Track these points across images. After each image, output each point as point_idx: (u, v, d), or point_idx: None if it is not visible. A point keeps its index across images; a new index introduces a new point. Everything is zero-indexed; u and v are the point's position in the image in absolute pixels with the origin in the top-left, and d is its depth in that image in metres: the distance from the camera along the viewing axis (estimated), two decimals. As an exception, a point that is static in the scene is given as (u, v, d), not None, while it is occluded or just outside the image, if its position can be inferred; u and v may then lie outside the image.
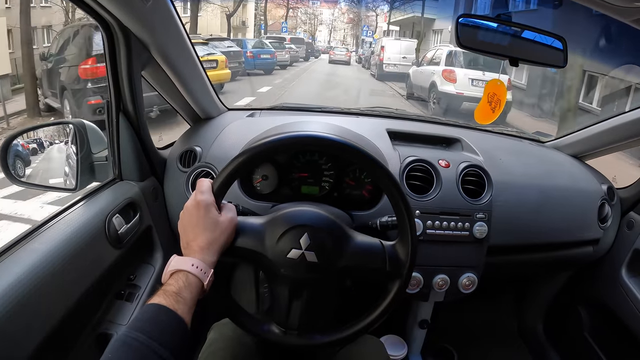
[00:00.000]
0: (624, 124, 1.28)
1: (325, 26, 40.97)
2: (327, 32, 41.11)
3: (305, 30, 35.14)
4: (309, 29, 36.81)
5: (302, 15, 35.49)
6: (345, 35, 41.56)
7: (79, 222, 0.87)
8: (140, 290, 1.02)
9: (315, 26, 38.21)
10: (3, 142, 0.96)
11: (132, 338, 0.56)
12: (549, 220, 1.25)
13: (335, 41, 39.97)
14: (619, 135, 1.33)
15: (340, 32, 41.79)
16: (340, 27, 40.94)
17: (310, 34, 35.39)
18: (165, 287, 0.65)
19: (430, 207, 1.13)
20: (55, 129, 1.19)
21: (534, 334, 1.74)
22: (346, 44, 37.99)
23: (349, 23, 38.45)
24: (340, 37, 42.12)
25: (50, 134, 1.14)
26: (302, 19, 35.39)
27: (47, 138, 1.13)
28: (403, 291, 0.80)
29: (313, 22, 37.83)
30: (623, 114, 1.28)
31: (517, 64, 0.94)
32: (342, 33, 41.91)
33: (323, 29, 41.17)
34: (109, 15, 0.87)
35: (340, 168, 1.18)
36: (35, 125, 1.11)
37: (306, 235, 0.76)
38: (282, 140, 0.77)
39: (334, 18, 40.03)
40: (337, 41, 40.13)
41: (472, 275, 1.15)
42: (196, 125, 1.34)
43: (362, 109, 1.63)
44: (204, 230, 0.72)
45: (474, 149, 1.30)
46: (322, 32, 40.95)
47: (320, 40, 39.10)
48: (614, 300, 1.36)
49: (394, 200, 0.78)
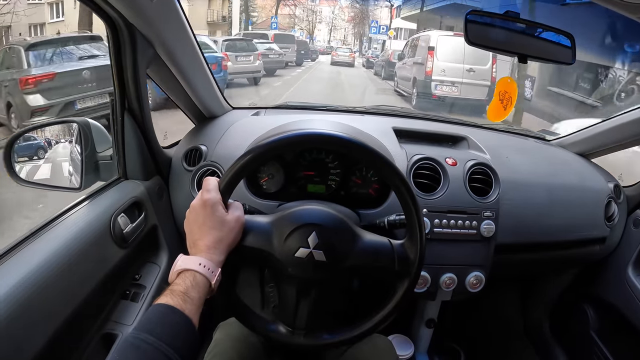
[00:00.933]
0: (630, 121, 1.27)
1: (325, 24, 39.17)
2: (327, 31, 39.37)
3: (302, 28, 33.45)
4: (307, 27, 35.10)
5: (300, 13, 33.66)
6: (346, 34, 39.79)
7: (83, 221, 0.86)
8: (145, 290, 1.01)
9: (313, 24, 36.29)
10: (7, 141, 0.95)
11: (139, 339, 0.56)
12: (555, 218, 1.25)
13: (335, 41, 38.18)
14: (625, 133, 1.32)
15: (340, 31, 40.11)
16: (340, 25, 39.19)
17: (308, 32, 33.66)
18: (173, 287, 0.64)
19: (438, 206, 1.12)
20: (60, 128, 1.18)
21: (540, 332, 1.73)
22: (347, 44, 36.05)
23: (350, 22, 36.74)
24: (341, 37, 40.23)
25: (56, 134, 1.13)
26: (299, 16, 33.63)
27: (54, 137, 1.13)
28: (411, 290, 0.79)
29: (311, 20, 35.81)
30: (629, 112, 1.27)
31: (525, 61, 0.93)
32: (342, 32, 40.23)
33: (323, 28, 39.39)
34: (114, 12, 0.86)
35: (347, 166, 1.17)
36: (39, 124, 1.10)
37: (314, 234, 0.75)
38: (288, 138, 0.77)
39: (334, 16, 38.00)
40: (337, 41, 38.37)
41: (479, 274, 1.14)
42: (201, 124, 1.33)
43: (367, 108, 1.63)
44: (211, 229, 0.71)
45: (480, 147, 1.29)
46: (321, 32, 39.21)
47: (320, 40, 37.36)
48: (621, 298, 1.35)
49: (403, 199, 0.78)
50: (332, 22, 38.76)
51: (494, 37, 0.91)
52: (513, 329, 1.82)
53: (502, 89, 1.14)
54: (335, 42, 37.77)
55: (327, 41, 37.05)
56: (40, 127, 1.14)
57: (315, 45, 28.53)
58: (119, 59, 0.95)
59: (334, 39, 38.99)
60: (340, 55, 20.39)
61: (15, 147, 0.97)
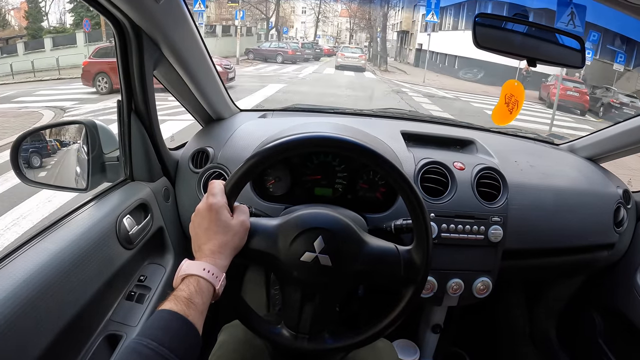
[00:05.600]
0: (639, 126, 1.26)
1: (307, 15, 29.68)
2: (312, 21, 30.12)
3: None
4: (259, 15, 25.36)
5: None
6: (339, 30, 31.73)
7: (89, 222, 0.86)
8: (151, 291, 1.01)
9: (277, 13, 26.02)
10: (13, 142, 0.96)
11: (142, 345, 0.56)
12: (564, 224, 1.23)
13: (327, 37, 31.12)
14: (635, 137, 1.31)
15: (330, 26, 31.38)
16: (330, 10, 29.91)
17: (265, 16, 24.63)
18: (177, 293, 0.64)
19: (445, 210, 1.11)
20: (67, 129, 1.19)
21: (547, 339, 1.71)
22: (340, 42, 29.21)
23: (343, 16, 29.96)
24: (333, 32, 31.77)
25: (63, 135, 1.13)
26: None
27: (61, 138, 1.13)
28: (417, 296, 0.78)
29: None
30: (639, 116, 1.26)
31: (535, 64, 0.92)
32: (333, 27, 31.98)
33: (308, 20, 30.53)
34: (120, 14, 0.86)
35: (354, 170, 1.16)
36: (45, 125, 1.10)
37: (320, 238, 0.74)
38: (294, 142, 0.76)
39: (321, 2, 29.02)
40: (329, 37, 31.23)
41: (486, 279, 1.13)
42: (208, 126, 1.33)
43: (375, 110, 1.62)
44: (216, 233, 0.71)
45: (488, 151, 1.28)
46: (306, 24, 30.02)
47: (302, 35, 28.86)
48: (629, 305, 1.33)
49: (409, 204, 0.77)
50: (319, 8, 30.10)
51: (502, 40, 0.90)
52: (519, 335, 1.80)
53: (508, 92, 1.12)
54: (327, 38, 31.29)
55: (313, 37, 29.30)
56: (47, 127, 1.14)
57: (285, 43, 20.92)
58: (125, 61, 0.95)
59: (324, 34, 31.41)
60: (347, 57, 17.40)
61: (22, 147, 0.97)
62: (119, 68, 0.97)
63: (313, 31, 31.13)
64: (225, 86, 1.33)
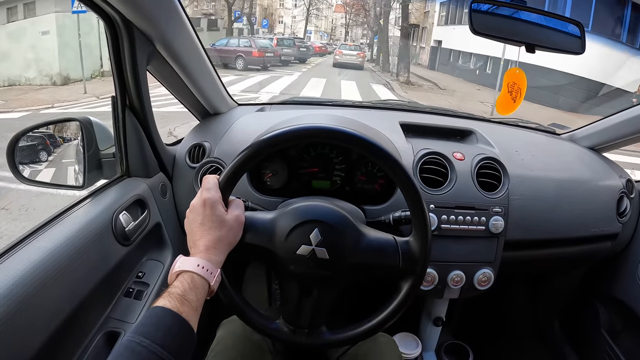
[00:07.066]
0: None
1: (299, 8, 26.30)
2: (300, 13, 26.90)
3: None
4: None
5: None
6: (334, 26, 29.46)
7: (85, 219, 0.86)
8: (149, 288, 1.00)
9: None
10: (10, 140, 0.95)
11: (135, 342, 0.55)
12: (566, 214, 1.22)
13: (320, 32, 29.36)
14: (637, 126, 1.29)
15: (324, 20, 28.99)
16: (323, 1, 27.04)
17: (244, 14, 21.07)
18: (170, 289, 0.63)
19: (445, 201, 1.10)
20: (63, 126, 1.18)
21: (550, 330, 1.70)
22: (335, 39, 27.71)
23: (338, 12, 27.83)
24: (327, 27, 29.64)
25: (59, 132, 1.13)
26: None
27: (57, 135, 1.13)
28: (416, 289, 0.78)
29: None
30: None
31: (533, 51, 0.91)
32: (326, 22, 29.49)
33: (300, 14, 27.29)
34: (111, 9, 0.85)
35: (352, 162, 1.15)
36: (41, 123, 1.09)
37: (316, 230, 0.74)
38: (289, 133, 0.75)
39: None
40: (322, 32, 29.54)
41: (488, 271, 1.12)
42: (205, 121, 1.32)
43: (374, 102, 1.61)
44: (210, 229, 0.70)
45: (488, 141, 1.27)
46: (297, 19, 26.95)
47: (288, 29, 25.89)
48: (632, 296, 1.33)
49: (407, 195, 0.76)
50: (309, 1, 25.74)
51: (499, 26, 0.89)
52: (522, 327, 1.79)
53: (510, 80, 1.11)
54: (321, 34, 29.32)
55: (302, 34, 26.30)
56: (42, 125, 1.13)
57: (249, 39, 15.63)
58: (117, 56, 0.94)
59: (316, 29, 28.54)
60: (345, 54, 16.81)
61: (18, 145, 0.96)
62: (111, 63, 0.96)
63: (303, 25, 27.74)
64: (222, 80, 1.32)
